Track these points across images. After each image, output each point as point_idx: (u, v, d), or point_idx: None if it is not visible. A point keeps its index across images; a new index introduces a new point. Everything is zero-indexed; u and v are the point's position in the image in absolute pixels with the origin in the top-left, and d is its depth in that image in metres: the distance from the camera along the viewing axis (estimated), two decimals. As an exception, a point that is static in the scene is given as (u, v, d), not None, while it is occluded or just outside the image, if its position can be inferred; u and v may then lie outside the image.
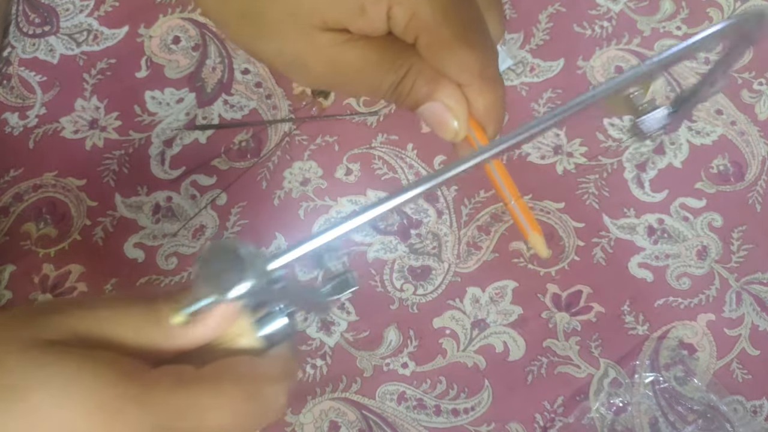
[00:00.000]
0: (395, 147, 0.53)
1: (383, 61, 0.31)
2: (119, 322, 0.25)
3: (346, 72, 0.32)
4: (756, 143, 0.53)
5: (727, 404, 0.47)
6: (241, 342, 0.27)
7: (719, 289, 0.50)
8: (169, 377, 0.24)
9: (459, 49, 0.30)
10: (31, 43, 0.56)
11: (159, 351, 0.26)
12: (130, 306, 0.26)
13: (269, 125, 0.53)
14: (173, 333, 0.26)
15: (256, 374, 0.26)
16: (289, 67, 0.33)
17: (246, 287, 0.23)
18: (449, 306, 0.49)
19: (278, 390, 0.26)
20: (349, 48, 0.31)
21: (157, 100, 0.54)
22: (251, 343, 0.27)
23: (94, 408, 0.23)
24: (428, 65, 0.31)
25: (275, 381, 0.26)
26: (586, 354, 0.48)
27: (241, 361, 0.26)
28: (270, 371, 0.26)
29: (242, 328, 0.27)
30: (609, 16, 0.56)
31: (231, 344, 0.27)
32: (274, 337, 0.28)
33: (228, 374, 0.25)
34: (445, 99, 0.31)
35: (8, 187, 0.52)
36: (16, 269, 0.50)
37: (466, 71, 0.31)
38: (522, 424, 0.47)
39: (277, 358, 0.27)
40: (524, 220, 0.32)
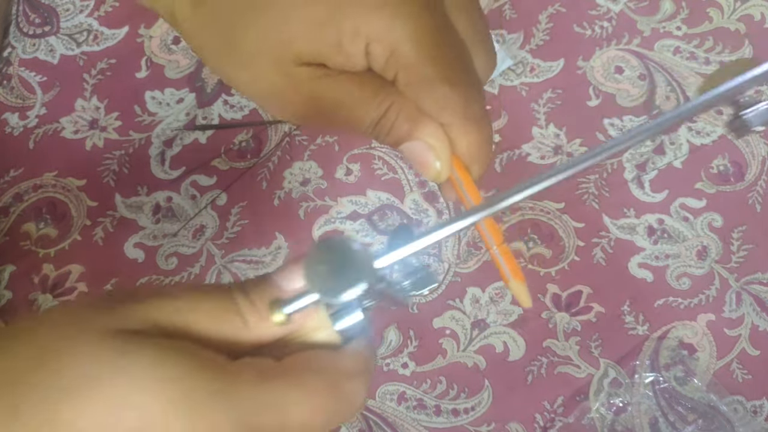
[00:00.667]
0: (395, 147, 0.53)
1: (363, 98, 0.30)
2: (199, 312, 0.25)
3: (325, 108, 0.31)
4: (756, 143, 0.53)
5: (727, 404, 0.47)
6: (318, 335, 0.26)
7: (719, 289, 0.50)
8: (252, 370, 0.24)
9: (440, 88, 0.29)
10: (32, 43, 0.56)
11: (238, 343, 0.25)
12: (208, 295, 0.25)
13: (269, 125, 0.53)
14: (254, 324, 0.25)
15: (336, 368, 0.25)
16: (266, 100, 0.32)
17: (360, 290, 0.22)
18: (449, 306, 0.49)
19: (358, 385, 0.25)
20: (328, 83, 0.30)
21: (157, 101, 0.54)
22: (328, 337, 0.27)
23: (175, 399, 0.22)
24: (410, 102, 0.30)
25: (355, 376, 0.25)
26: (586, 354, 0.48)
27: (322, 355, 0.25)
28: (350, 366, 0.26)
29: (320, 322, 0.26)
30: (609, 17, 0.56)
31: (307, 337, 0.26)
32: (350, 331, 0.27)
33: (309, 368, 0.25)
34: (426, 138, 0.30)
35: (8, 187, 0.52)
36: (16, 269, 0.50)
37: (447, 110, 0.30)
38: (522, 424, 0.47)
39: (355, 353, 0.26)
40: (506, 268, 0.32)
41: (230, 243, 0.51)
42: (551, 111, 0.54)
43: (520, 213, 0.51)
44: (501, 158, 0.52)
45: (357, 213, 0.51)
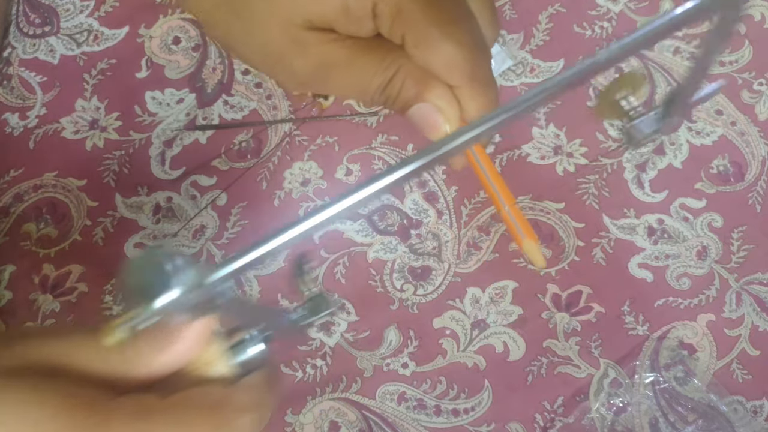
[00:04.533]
0: (395, 147, 0.53)
1: (371, 62, 0.30)
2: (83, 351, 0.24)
3: (333, 73, 0.30)
4: (756, 143, 0.53)
5: (728, 404, 0.47)
6: (214, 370, 0.26)
7: (719, 289, 0.50)
8: (128, 407, 0.23)
9: (447, 47, 0.28)
10: (32, 43, 0.56)
11: (122, 380, 0.24)
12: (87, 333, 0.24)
13: (269, 125, 0.53)
14: (135, 359, 0.24)
15: (225, 404, 0.24)
16: (275, 67, 0.31)
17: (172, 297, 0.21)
18: (449, 306, 0.49)
19: (249, 421, 0.25)
20: (336, 48, 0.30)
21: (157, 101, 0.54)
22: (224, 371, 0.26)
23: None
24: (417, 66, 0.30)
25: (246, 411, 0.25)
26: (586, 354, 0.48)
27: (210, 390, 0.25)
28: (241, 401, 0.25)
29: (214, 355, 0.26)
30: (609, 17, 0.56)
31: (203, 372, 0.26)
32: (251, 364, 0.26)
33: (194, 404, 0.24)
34: (434, 100, 0.30)
35: (8, 187, 0.52)
36: (16, 269, 0.50)
37: (455, 71, 0.29)
38: (522, 424, 0.47)
39: (250, 387, 0.26)
40: (518, 226, 0.30)
41: (230, 243, 0.51)
42: (551, 111, 0.54)
43: (520, 213, 0.51)
44: (501, 158, 0.52)
45: (357, 213, 0.51)
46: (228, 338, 0.26)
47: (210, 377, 0.26)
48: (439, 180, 0.52)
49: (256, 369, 0.26)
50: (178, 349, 0.25)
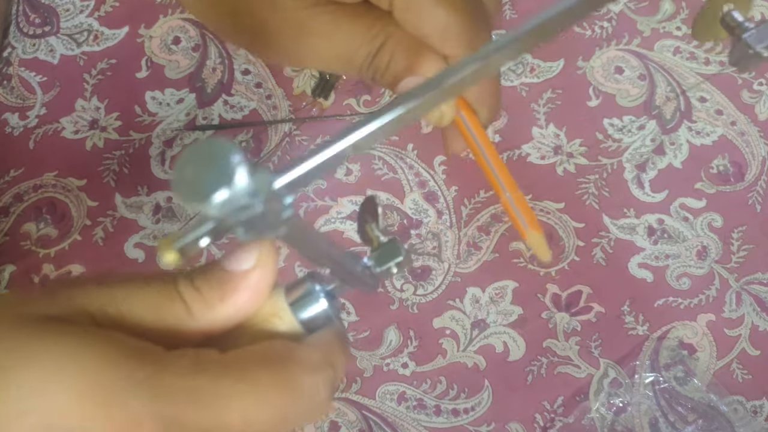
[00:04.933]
0: (395, 147, 0.53)
1: (356, 30, 0.27)
2: (136, 300, 0.22)
3: (313, 42, 0.27)
4: (756, 143, 0.53)
5: (728, 404, 0.47)
6: (277, 324, 0.23)
7: (719, 289, 0.50)
8: (184, 360, 0.21)
9: (442, 12, 0.25)
10: (32, 43, 0.56)
11: (182, 333, 0.22)
12: (148, 284, 0.23)
13: (269, 125, 0.53)
14: (198, 313, 0.22)
15: (292, 360, 0.22)
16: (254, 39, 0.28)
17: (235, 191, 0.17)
18: (449, 306, 0.49)
19: (318, 381, 0.22)
20: (317, 13, 0.26)
21: (157, 101, 0.54)
22: (287, 327, 0.23)
23: (90, 390, 0.20)
24: (408, 35, 0.26)
25: (314, 370, 0.22)
26: (586, 354, 0.48)
27: (275, 346, 0.22)
28: (309, 358, 0.22)
29: (276, 308, 0.23)
30: (609, 17, 0.56)
31: (263, 327, 0.23)
32: (314, 322, 0.24)
33: (258, 359, 0.22)
34: (427, 72, 0.27)
35: (8, 187, 0.52)
36: (16, 269, 0.50)
37: (452, 39, 0.26)
38: (522, 424, 0.47)
39: (317, 344, 0.23)
40: (522, 217, 0.27)
41: (231, 243, 0.51)
42: (551, 111, 0.54)
43: (520, 213, 0.51)
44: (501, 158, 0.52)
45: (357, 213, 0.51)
46: (289, 292, 0.24)
47: (272, 333, 0.23)
48: (439, 180, 0.52)
49: (321, 327, 0.24)
50: (239, 299, 0.23)
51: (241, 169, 0.17)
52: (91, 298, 0.22)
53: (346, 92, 0.54)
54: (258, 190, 0.18)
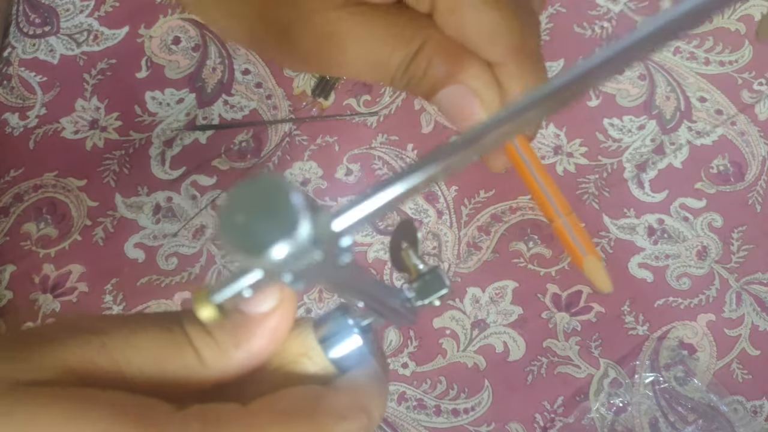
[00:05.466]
0: (395, 147, 0.53)
1: (390, 33, 0.24)
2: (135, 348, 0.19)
3: (342, 47, 0.24)
4: (756, 143, 0.53)
5: (728, 404, 0.47)
6: (306, 365, 0.21)
7: (719, 289, 0.50)
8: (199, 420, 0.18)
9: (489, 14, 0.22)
10: (32, 43, 0.56)
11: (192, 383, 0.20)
12: (148, 327, 0.19)
13: (269, 125, 0.53)
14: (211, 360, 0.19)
15: (320, 409, 0.19)
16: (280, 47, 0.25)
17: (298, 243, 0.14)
18: (449, 306, 0.49)
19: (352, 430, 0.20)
20: (347, 15, 0.24)
21: (157, 101, 0.54)
22: (318, 368, 0.21)
23: None
24: (448, 39, 0.24)
25: (344, 418, 0.19)
26: (586, 354, 0.48)
27: (300, 393, 0.20)
28: (340, 404, 0.20)
29: (305, 347, 0.21)
30: (609, 17, 0.56)
31: (291, 369, 0.21)
32: (349, 360, 0.21)
33: (282, 410, 0.19)
34: (470, 81, 0.24)
35: (8, 187, 0.52)
36: (17, 269, 0.50)
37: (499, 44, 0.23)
38: (522, 424, 0.47)
39: (348, 388, 0.20)
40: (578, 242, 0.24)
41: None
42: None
43: (521, 213, 0.51)
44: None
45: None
46: (319, 327, 0.21)
47: (300, 375, 0.21)
48: (439, 180, 0.52)
49: (355, 366, 0.21)
50: (256, 345, 0.20)
51: (304, 215, 0.15)
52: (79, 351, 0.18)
53: (346, 92, 0.54)
54: (319, 238, 0.15)
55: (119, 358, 0.19)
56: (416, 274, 0.23)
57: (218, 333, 0.20)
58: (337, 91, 0.54)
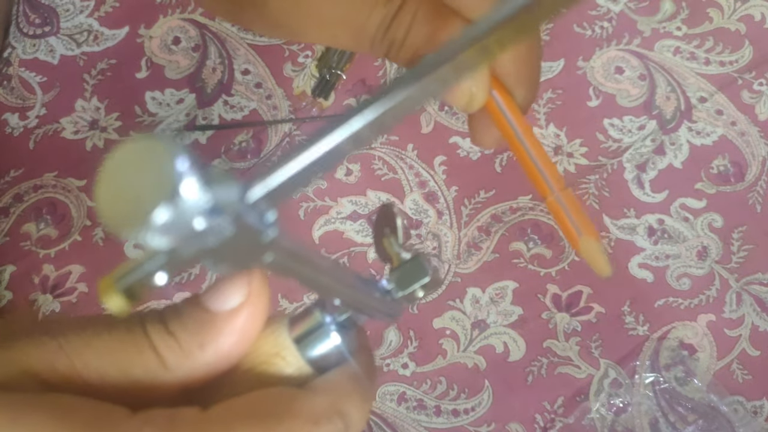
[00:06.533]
0: (395, 147, 0.53)
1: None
2: (93, 351, 0.18)
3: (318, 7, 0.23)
4: (756, 143, 0.53)
5: (728, 405, 0.47)
6: (280, 366, 0.19)
7: (719, 289, 0.50)
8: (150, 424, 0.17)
9: None
10: (32, 43, 0.56)
11: (155, 387, 0.19)
12: (108, 330, 0.18)
13: (269, 125, 0.53)
14: (174, 363, 0.18)
15: (288, 413, 0.18)
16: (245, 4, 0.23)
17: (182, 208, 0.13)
18: (449, 306, 0.49)
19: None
20: None
21: (157, 101, 0.54)
22: (293, 369, 0.19)
23: None
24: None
25: (317, 423, 0.18)
26: (586, 354, 0.48)
27: (267, 395, 0.18)
28: (311, 408, 0.18)
29: (279, 346, 0.19)
30: (609, 17, 0.56)
31: (264, 369, 0.19)
32: (326, 361, 0.20)
33: (249, 413, 0.18)
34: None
35: (8, 187, 0.52)
36: (17, 270, 0.50)
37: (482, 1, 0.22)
38: (522, 424, 0.47)
39: (324, 391, 0.19)
40: (574, 220, 0.22)
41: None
42: (551, 111, 0.54)
43: (521, 213, 0.51)
44: (501, 158, 0.52)
45: (357, 213, 0.51)
46: (294, 325, 0.20)
47: (273, 377, 0.19)
48: (439, 180, 0.52)
49: (333, 366, 0.20)
50: (223, 345, 0.18)
51: (189, 176, 0.13)
52: (36, 353, 0.18)
53: (346, 92, 0.54)
54: (221, 206, 0.13)
55: (77, 361, 0.18)
56: (398, 263, 0.21)
57: (181, 333, 0.18)
58: (337, 91, 0.54)
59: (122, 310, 0.16)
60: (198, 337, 0.18)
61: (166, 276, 0.16)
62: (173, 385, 0.19)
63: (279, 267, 0.16)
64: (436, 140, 0.53)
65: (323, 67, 0.53)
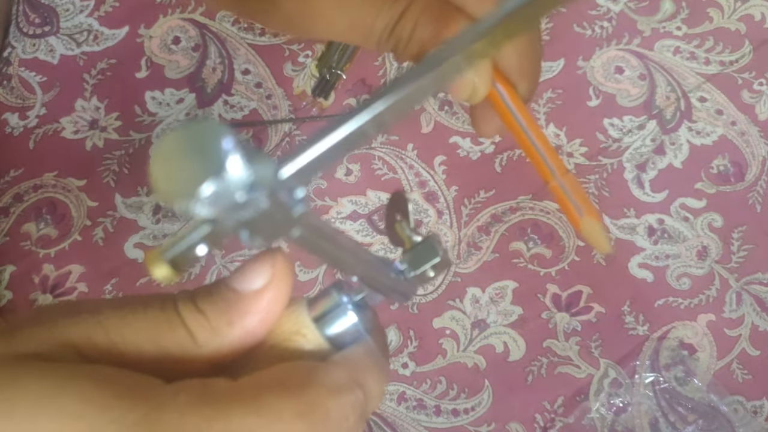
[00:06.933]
0: (395, 147, 0.53)
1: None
2: (130, 327, 0.19)
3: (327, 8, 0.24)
4: (756, 143, 0.53)
5: (728, 404, 0.47)
6: (300, 343, 0.21)
7: (719, 289, 0.50)
8: (189, 392, 0.18)
9: None
10: (31, 43, 0.56)
11: (186, 362, 0.20)
12: (143, 308, 0.20)
13: (269, 125, 0.53)
14: (204, 339, 0.20)
15: (311, 383, 0.19)
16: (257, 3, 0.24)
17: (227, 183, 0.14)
18: (449, 306, 0.49)
19: (345, 404, 0.19)
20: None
21: (157, 101, 0.54)
22: (313, 345, 0.21)
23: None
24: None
25: (339, 392, 0.19)
26: (586, 354, 0.48)
27: (291, 367, 0.20)
28: (335, 379, 0.20)
29: (299, 324, 0.21)
30: (609, 16, 0.56)
31: (286, 346, 0.21)
32: (344, 338, 0.21)
33: (272, 384, 0.19)
34: None
35: (8, 187, 0.52)
36: (17, 269, 0.50)
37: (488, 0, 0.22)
38: (522, 424, 0.47)
39: (342, 363, 0.20)
40: (576, 202, 0.24)
41: (230, 242, 0.51)
42: (551, 111, 0.54)
43: (521, 213, 0.51)
44: (501, 158, 0.52)
45: (357, 213, 0.51)
46: (313, 306, 0.21)
47: (294, 353, 0.21)
48: (439, 180, 0.52)
49: (351, 343, 0.21)
50: (250, 323, 0.20)
51: (234, 154, 0.14)
52: (76, 328, 0.19)
53: (346, 92, 0.54)
54: (258, 182, 0.15)
55: (115, 336, 0.19)
56: (410, 246, 0.23)
57: (211, 312, 0.20)
58: (337, 91, 0.54)
59: (169, 278, 0.18)
60: (226, 315, 0.20)
61: (206, 248, 0.17)
62: (203, 360, 0.20)
63: (305, 241, 0.18)
64: (436, 140, 0.53)
65: (323, 66, 0.53)
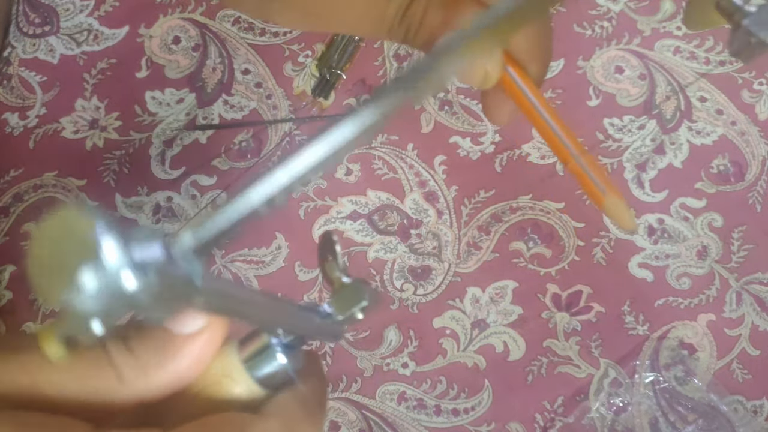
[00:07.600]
0: (395, 147, 0.53)
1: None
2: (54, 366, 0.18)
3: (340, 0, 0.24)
4: (756, 143, 0.53)
5: (728, 404, 0.47)
6: (230, 387, 0.20)
7: (719, 289, 0.50)
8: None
9: None
10: (31, 43, 0.56)
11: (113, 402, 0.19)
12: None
13: (269, 125, 0.53)
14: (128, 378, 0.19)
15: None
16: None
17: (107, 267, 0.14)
18: (449, 306, 0.49)
19: None
20: None
21: (157, 101, 0.54)
22: (243, 389, 0.20)
23: None
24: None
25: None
26: (586, 354, 0.48)
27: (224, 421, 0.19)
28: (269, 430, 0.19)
29: (229, 367, 0.20)
30: (609, 16, 0.56)
31: (216, 390, 0.20)
32: (274, 380, 0.21)
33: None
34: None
35: (8, 187, 0.52)
36: (17, 269, 0.50)
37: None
38: (522, 424, 0.47)
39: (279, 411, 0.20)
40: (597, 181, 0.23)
41: (230, 243, 0.51)
42: (551, 111, 0.53)
43: (521, 213, 0.51)
44: (501, 158, 0.52)
45: (357, 213, 0.51)
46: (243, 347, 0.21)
47: (224, 397, 0.20)
48: (439, 180, 0.52)
49: (282, 386, 0.21)
50: (180, 366, 0.19)
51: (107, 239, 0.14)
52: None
53: (346, 92, 0.54)
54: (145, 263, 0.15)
55: (39, 377, 0.18)
56: (339, 286, 0.22)
57: (141, 352, 0.19)
58: (337, 91, 0.54)
59: (60, 357, 0.17)
60: (156, 356, 0.19)
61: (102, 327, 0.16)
62: (130, 401, 0.19)
63: (211, 307, 0.17)
64: (436, 140, 0.53)
65: (323, 66, 0.53)
